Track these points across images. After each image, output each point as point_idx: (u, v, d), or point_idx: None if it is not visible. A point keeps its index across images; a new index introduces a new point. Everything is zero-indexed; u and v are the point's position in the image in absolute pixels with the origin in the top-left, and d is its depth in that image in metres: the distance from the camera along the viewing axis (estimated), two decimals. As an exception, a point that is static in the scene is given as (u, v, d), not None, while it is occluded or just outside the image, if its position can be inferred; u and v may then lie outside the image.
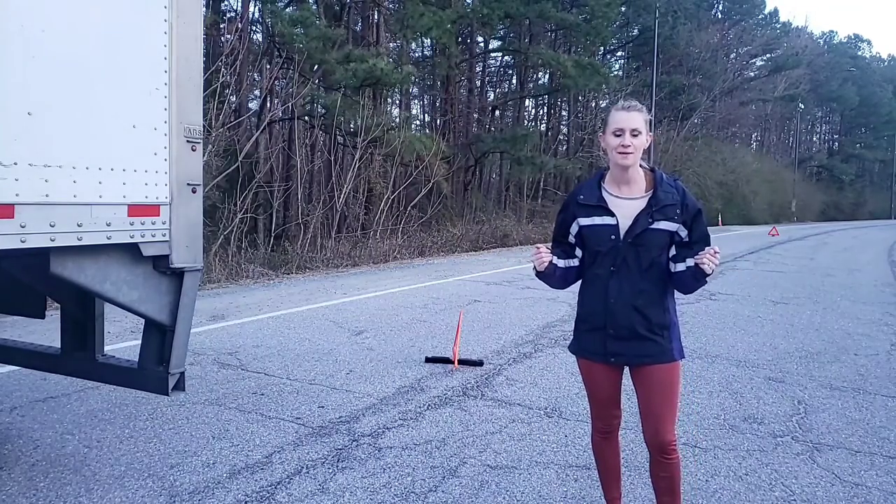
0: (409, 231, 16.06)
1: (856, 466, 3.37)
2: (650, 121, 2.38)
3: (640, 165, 2.36)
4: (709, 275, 2.21)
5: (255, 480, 3.05)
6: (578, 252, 2.43)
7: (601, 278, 2.34)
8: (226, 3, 17.49)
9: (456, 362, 5.11)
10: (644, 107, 2.35)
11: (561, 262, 2.42)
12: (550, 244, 2.50)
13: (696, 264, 2.20)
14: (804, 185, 51.93)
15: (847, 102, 58.52)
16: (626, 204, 2.32)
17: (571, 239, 2.43)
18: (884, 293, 9.91)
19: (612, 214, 2.31)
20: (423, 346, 5.78)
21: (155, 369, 2.92)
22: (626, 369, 2.42)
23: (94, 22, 2.46)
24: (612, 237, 2.30)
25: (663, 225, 2.28)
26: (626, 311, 2.29)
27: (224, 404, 4.13)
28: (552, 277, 2.42)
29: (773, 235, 24.14)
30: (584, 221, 2.37)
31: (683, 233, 2.30)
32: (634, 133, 2.25)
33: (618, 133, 2.27)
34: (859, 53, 67.09)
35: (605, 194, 2.36)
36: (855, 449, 3.60)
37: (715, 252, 2.18)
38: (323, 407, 4.12)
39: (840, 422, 4.04)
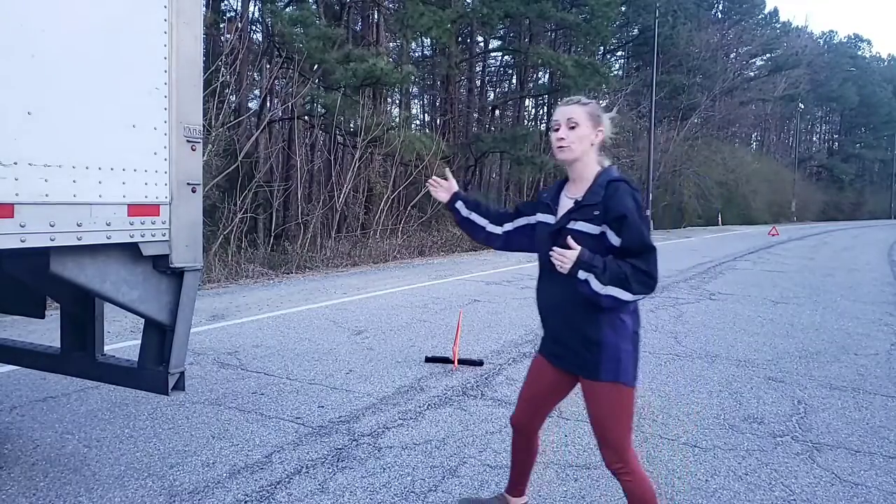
0: (408, 231, 16.06)
1: (856, 466, 3.37)
2: (600, 115, 2.21)
3: (601, 164, 2.22)
4: (574, 274, 2.04)
5: (255, 480, 3.05)
6: (511, 227, 2.51)
7: (539, 280, 2.33)
8: (226, 2, 17.48)
9: (456, 362, 5.11)
10: (592, 101, 2.22)
11: (479, 219, 2.54)
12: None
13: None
14: (804, 184, 51.93)
15: (847, 102, 58.53)
16: (566, 204, 2.24)
17: (525, 221, 2.48)
18: (884, 293, 9.91)
19: (553, 214, 2.27)
20: (422, 346, 5.78)
21: (155, 369, 2.92)
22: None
23: (93, 21, 2.46)
24: (546, 236, 2.24)
25: (580, 226, 2.11)
26: (553, 315, 2.26)
27: (224, 404, 4.13)
28: (460, 216, 2.54)
29: (772, 235, 24.15)
30: (539, 217, 2.37)
31: (615, 239, 2.07)
32: (571, 125, 2.14)
33: (554, 127, 2.19)
34: (859, 53, 67.14)
35: (561, 194, 2.30)
36: (855, 449, 3.61)
37: (565, 250, 2.04)
38: (323, 407, 4.12)
39: (840, 422, 4.04)
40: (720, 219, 34.24)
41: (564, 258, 2.04)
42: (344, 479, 3.08)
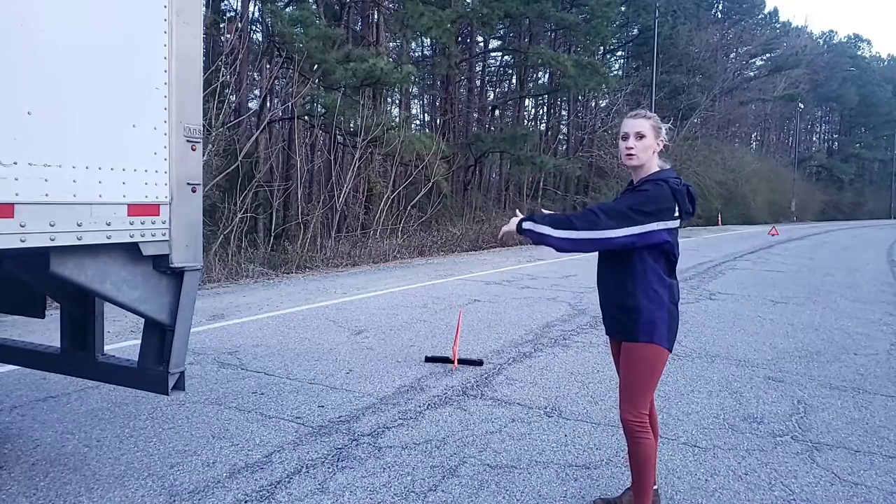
0: (408, 231, 16.05)
1: (855, 466, 3.37)
2: (661, 127, 2.57)
3: (661, 167, 2.56)
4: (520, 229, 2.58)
5: (255, 480, 3.05)
6: None
7: (597, 263, 2.71)
8: (225, 2, 17.45)
9: (456, 362, 5.11)
10: (655, 116, 2.57)
11: None
12: None
13: None
14: (804, 184, 51.90)
15: (847, 102, 58.54)
16: None
17: None
18: (883, 293, 9.91)
19: None
20: (422, 346, 5.78)
21: (155, 369, 2.92)
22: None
23: (93, 21, 2.46)
24: None
25: None
26: (602, 289, 2.65)
27: (224, 404, 4.13)
28: None
29: (772, 235, 24.15)
30: None
31: None
32: (639, 136, 2.50)
33: (624, 137, 2.55)
34: (859, 53, 67.10)
35: None
36: (855, 448, 3.61)
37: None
38: (323, 406, 4.12)
39: (840, 421, 4.04)
40: (720, 218, 34.25)
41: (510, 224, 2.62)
42: (344, 478, 3.09)
